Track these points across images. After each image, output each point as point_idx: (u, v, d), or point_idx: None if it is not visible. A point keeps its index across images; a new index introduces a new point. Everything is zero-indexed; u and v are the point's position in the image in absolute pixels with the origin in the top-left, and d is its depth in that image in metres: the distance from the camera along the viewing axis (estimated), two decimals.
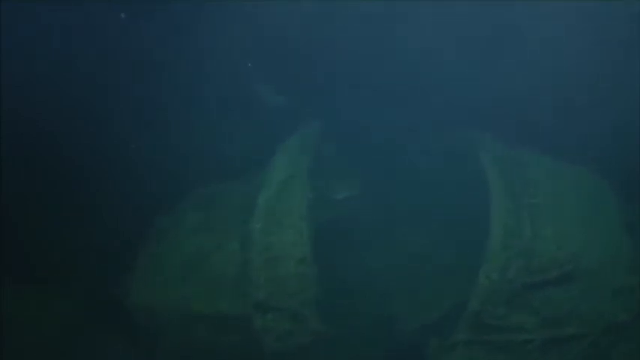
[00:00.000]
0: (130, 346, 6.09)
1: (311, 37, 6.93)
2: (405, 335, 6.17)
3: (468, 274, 5.83)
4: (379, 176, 6.84)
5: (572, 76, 6.78)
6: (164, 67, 6.89)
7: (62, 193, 6.75)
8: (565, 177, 6.39)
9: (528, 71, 6.78)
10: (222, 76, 7.07)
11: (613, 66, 6.77)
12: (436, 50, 6.73)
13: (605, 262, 5.91)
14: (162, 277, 6.15)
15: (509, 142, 6.49)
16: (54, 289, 6.45)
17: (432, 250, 6.62)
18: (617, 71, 6.79)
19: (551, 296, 5.84)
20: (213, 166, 6.84)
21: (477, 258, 5.82)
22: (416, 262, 6.57)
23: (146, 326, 6.10)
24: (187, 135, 7.02)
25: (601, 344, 5.84)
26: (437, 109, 6.85)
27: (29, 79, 6.67)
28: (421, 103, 6.91)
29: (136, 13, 6.81)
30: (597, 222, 6.11)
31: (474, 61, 6.77)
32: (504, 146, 6.46)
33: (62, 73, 6.75)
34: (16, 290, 6.34)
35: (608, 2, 6.57)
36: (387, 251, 6.63)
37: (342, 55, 6.95)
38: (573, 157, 6.51)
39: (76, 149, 6.71)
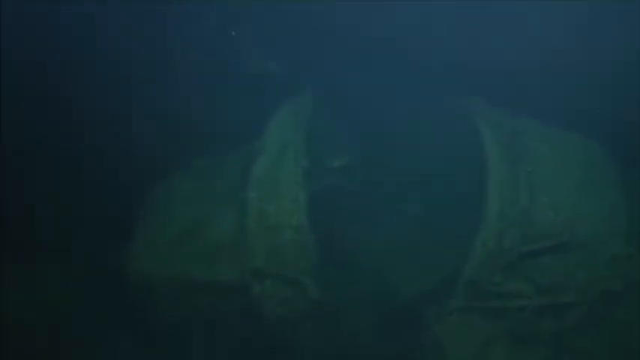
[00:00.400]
0: (129, 314, 6.07)
1: None
2: (403, 302, 6.19)
3: (466, 242, 5.85)
4: (375, 143, 6.80)
5: (568, 41, 6.73)
6: (154, 36, 6.79)
7: (57, 163, 6.69)
8: (562, 144, 6.35)
9: (525, 37, 6.73)
10: (213, 44, 6.98)
11: (612, 32, 6.73)
12: (433, 14, 6.66)
13: (601, 230, 5.93)
14: (159, 246, 6.10)
15: (507, 109, 6.47)
16: (52, 258, 6.42)
17: (428, 218, 6.61)
18: (615, 37, 6.75)
19: (547, 264, 5.88)
20: (206, 136, 6.78)
21: (474, 225, 5.84)
22: (413, 230, 6.57)
23: (145, 294, 6.09)
24: (180, 104, 6.95)
25: (596, 311, 5.91)
26: (434, 74, 6.80)
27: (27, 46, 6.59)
28: (418, 69, 6.85)
29: None
30: (594, 189, 6.10)
31: (472, 26, 6.70)
32: (501, 113, 6.43)
33: (56, 39, 6.65)
34: (14, 260, 6.31)
35: None
36: (384, 219, 6.62)
37: (337, 19, 6.86)
38: (571, 123, 6.49)
39: (70, 118, 6.65)
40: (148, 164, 6.53)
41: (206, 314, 6.03)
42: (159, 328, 6.10)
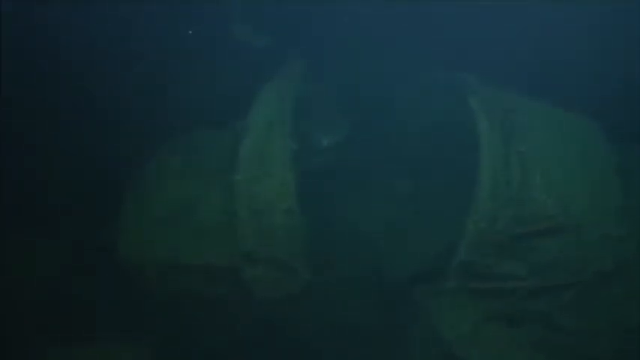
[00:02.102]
0: (118, 296, 5.98)
1: None
2: (395, 283, 6.14)
3: (457, 222, 5.80)
4: (365, 121, 6.67)
5: (563, 18, 6.64)
6: (140, 11, 6.61)
7: (44, 142, 6.55)
8: (556, 121, 6.29)
9: (518, 12, 6.62)
10: (199, 17, 6.81)
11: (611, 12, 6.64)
12: None
13: (595, 210, 5.88)
14: (147, 227, 6.00)
15: (498, 85, 6.36)
16: (39, 238, 6.32)
17: (420, 197, 6.52)
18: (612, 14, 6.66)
19: (540, 244, 5.83)
20: (191, 112, 6.64)
21: (466, 205, 5.78)
22: (403, 209, 6.48)
23: (134, 276, 5.99)
24: (165, 80, 6.78)
25: (588, 292, 5.88)
26: (425, 50, 6.68)
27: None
28: (409, 44, 6.72)
29: None
30: (587, 168, 6.04)
31: (464, 2, 6.58)
32: (493, 89, 6.32)
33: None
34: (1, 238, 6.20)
35: None
36: (375, 199, 6.53)
37: None
38: (564, 100, 6.40)
39: (57, 96, 6.51)
40: (134, 141, 6.40)
41: (195, 297, 5.96)
42: (147, 310, 6.01)
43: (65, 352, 5.82)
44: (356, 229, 6.20)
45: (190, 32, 6.84)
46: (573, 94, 6.53)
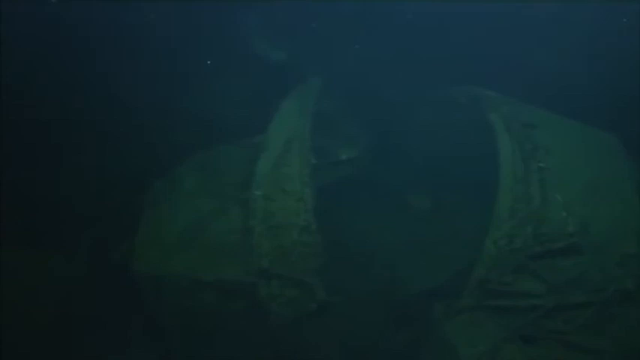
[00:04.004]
0: (133, 312, 6.01)
1: None
2: (410, 301, 6.11)
3: (475, 239, 5.74)
4: (383, 135, 6.65)
5: (582, 32, 6.56)
6: (160, 26, 6.62)
7: (61, 158, 6.59)
8: (576, 137, 6.22)
9: (537, 27, 6.55)
10: (218, 34, 6.80)
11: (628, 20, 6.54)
12: (444, 3, 6.47)
13: (614, 229, 5.80)
14: (163, 243, 6.02)
15: (518, 100, 6.30)
16: (55, 254, 6.36)
17: (437, 214, 6.49)
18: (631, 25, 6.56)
19: (559, 263, 5.76)
20: (210, 128, 6.64)
21: (484, 222, 5.72)
22: (421, 226, 6.45)
23: (149, 291, 6.00)
24: (184, 96, 6.80)
25: (608, 311, 5.79)
26: (444, 65, 6.63)
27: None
28: (427, 59, 6.68)
29: None
30: (608, 186, 5.96)
31: (483, 15, 6.51)
32: (514, 105, 6.25)
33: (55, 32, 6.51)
34: (18, 255, 6.24)
35: None
36: (392, 215, 6.50)
37: (345, 7, 6.65)
38: (584, 115, 6.32)
39: (74, 112, 6.54)
40: (151, 158, 6.43)
41: (211, 313, 5.94)
42: (163, 326, 6.02)
43: None
44: (372, 245, 6.19)
45: (209, 62, 6.81)
46: (593, 108, 6.47)
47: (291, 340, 5.79)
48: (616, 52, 6.64)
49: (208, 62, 6.82)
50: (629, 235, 5.80)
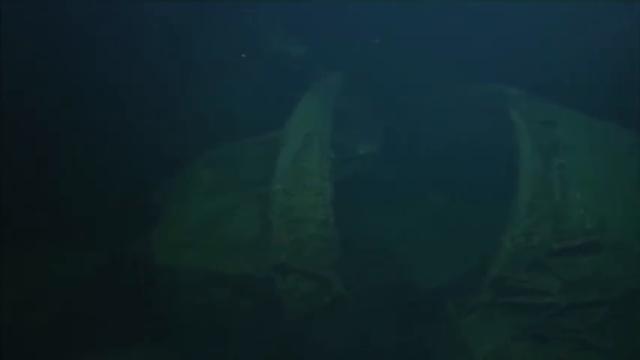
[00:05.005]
0: (150, 303, 6.08)
1: None
2: (425, 295, 6.14)
3: (492, 236, 5.73)
4: (402, 131, 6.63)
5: (604, 28, 6.47)
6: (179, 21, 6.61)
7: (80, 153, 6.64)
8: (595, 134, 6.17)
9: (560, 24, 6.46)
10: (238, 28, 6.78)
11: None
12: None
13: (632, 226, 5.76)
14: (181, 236, 6.09)
15: (539, 98, 6.25)
16: (75, 248, 6.44)
17: (455, 211, 6.48)
18: None
19: (575, 261, 5.75)
20: (229, 123, 6.66)
21: (501, 219, 5.71)
22: (438, 222, 6.45)
23: (167, 284, 6.08)
24: (203, 91, 6.80)
25: (622, 310, 5.79)
26: (464, 62, 6.58)
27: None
28: (448, 56, 6.63)
29: None
30: (627, 183, 5.93)
31: (504, 12, 6.43)
32: (534, 102, 6.21)
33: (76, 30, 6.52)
34: (38, 249, 6.34)
35: None
36: (408, 210, 6.51)
37: (366, 2, 6.60)
38: (605, 112, 6.26)
39: (92, 109, 6.57)
40: (171, 152, 6.46)
41: (227, 306, 6.00)
42: (180, 318, 6.09)
43: (96, 358, 5.94)
44: (389, 240, 6.20)
45: (243, 56, 6.78)
46: (613, 104, 6.41)
47: (304, 335, 5.84)
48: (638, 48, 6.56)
49: (243, 55, 6.81)
50: None
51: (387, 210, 6.39)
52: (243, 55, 6.81)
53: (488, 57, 6.54)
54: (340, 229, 5.73)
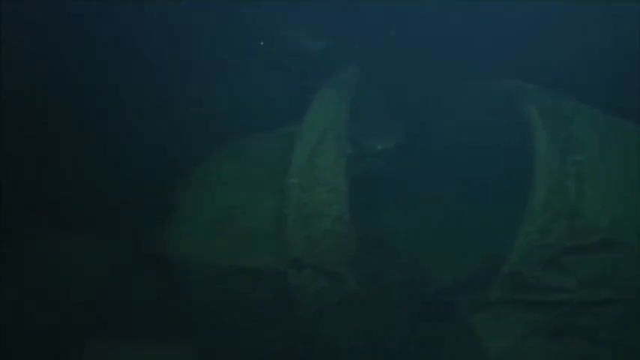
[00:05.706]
0: (165, 298, 6.11)
1: None
2: (438, 291, 6.15)
3: (506, 233, 5.73)
4: (419, 127, 6.62)
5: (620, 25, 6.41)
6: (195, 15, 6.60)
7: (95, 147, 6.65)
8: (612, 131, 6.12)
9: (576, 18, 6.41)
10: (253, 21, 6.76)
11: None
12: None
13: None
14: (196, 230, 6.12)
15: (555, 93, 6.21)
16: (89, 240, 6.47)
17: (469, 207, 6.48)
18: None
19: (590, 259, 5.73)
20: (246, 117, 6.66)
21: (516, 217, 5.70)
22: (453, 220, 6.45)
23: (181, 279, 6.11)
24: (219, 84, 6.79)
25: (637, 308, 5.79)
26: (481, 57, 6.54)
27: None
28: (464, 51, 6.60)
29: None
30: None
31: (519, 8, 6.39)
32: (550, 98, 6.17)
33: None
34: (51, 241, 6.36)
35: None
36: (423, 207, 6.50)
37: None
38: (621, 108, 6.22)
39: (107, 101, 6.58)
40: (186, 145, 6.46)
41: (241, 301, 6.03)
42: (193, 313, 6.12)
43: (111, 352, 5.98)
44: (403, 237, 6.21)
45: (262, 43, 6.76)
46: (630, 101, 6.36)
47: (317, 330, 5.86)
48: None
49: (261, 43, 6.78)
50: None
51: (402, 207, 6.39)
52: (261, 43, 6.78)
53: (499, 54, 6.50)
54: (355, 226, 5.74)
